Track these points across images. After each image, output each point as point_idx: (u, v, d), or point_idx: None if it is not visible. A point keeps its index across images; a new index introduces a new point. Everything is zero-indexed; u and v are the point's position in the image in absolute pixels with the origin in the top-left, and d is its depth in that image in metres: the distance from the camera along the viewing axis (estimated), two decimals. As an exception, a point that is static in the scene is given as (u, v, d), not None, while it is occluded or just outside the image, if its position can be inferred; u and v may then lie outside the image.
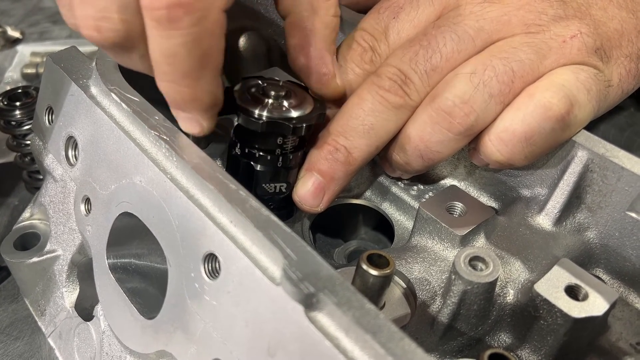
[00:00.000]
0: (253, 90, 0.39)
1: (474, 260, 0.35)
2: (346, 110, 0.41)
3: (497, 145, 0.38)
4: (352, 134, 0.40)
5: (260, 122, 0.37)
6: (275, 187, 0.41)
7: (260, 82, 0.40)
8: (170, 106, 0.36)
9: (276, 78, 0.41)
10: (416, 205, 0.46)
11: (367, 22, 0.44)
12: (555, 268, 0.36)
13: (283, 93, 0.39)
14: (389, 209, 0.49)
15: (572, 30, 0.39)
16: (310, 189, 0.41)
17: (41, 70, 0.81)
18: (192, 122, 0.36)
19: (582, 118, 0.38)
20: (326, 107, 0.41)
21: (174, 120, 0.37)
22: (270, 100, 0.38)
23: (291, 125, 0.37)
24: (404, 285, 0.39)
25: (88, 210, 0.42)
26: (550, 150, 0.40)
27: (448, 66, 0.39)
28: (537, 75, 0.38)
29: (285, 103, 0.38)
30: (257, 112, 0.37)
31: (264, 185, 0.41)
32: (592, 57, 0.39)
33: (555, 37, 0.39)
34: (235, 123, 0.39)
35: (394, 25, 0.42)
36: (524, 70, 0.38)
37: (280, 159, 0.40)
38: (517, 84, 0.38)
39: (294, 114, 0.38)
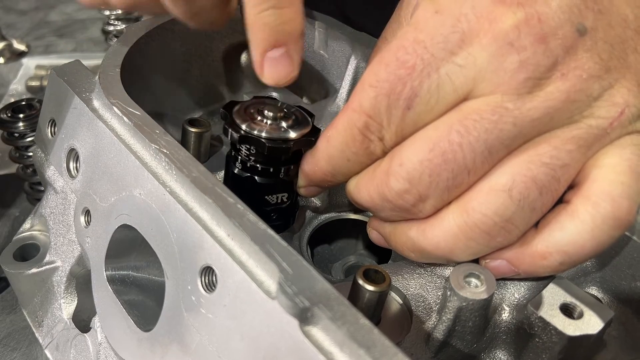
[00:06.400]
0: (251, 111, 0.40)
1: (469, 277, 0.35)
2: (350, 189, 0.39)
3: (559, 258, 0.34)
4: None
5: (284, 146, 0.38)
6: (277, 197, 0.42)
7: (256, 102, 0.41)
8: (263, 45, 0.37)
9: (268, 97, 0.42)
10: (414, 221, 0.46)
11: (368, 102, 0.34)
12: (551, 286, 0.36)
13: (280, 114, 0.39)
14: (386, 225, 0.49)
15: (619, 105, 0.32)
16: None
17: (45, 83, 0.82)
18: (284, 60, 0.37)
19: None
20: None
21: (174, 134, 0.37)
22: (269, 122, 0.39)
23: (313, 139, 0.38)
24: (400, 301, 0.39)
25: (88, 222, 0.42)
26: None
27: (473, 179, 0.34)
28: (578, 170, 0.34)
29: (284, 124, 0.39)
30: (262, 133, 0.38)
31: (266, 197, 0.41)
32: (634, 125, 0.33)
33: (602, 119, 0.32)
34: (230, 138, 0.39)
35: (407, 116, 0.34)
36: (569, 174, 0.33)
37: (283, 169, 0.40)
38: (561, 189, 0.34)
39: (294, 133, 0.39)
